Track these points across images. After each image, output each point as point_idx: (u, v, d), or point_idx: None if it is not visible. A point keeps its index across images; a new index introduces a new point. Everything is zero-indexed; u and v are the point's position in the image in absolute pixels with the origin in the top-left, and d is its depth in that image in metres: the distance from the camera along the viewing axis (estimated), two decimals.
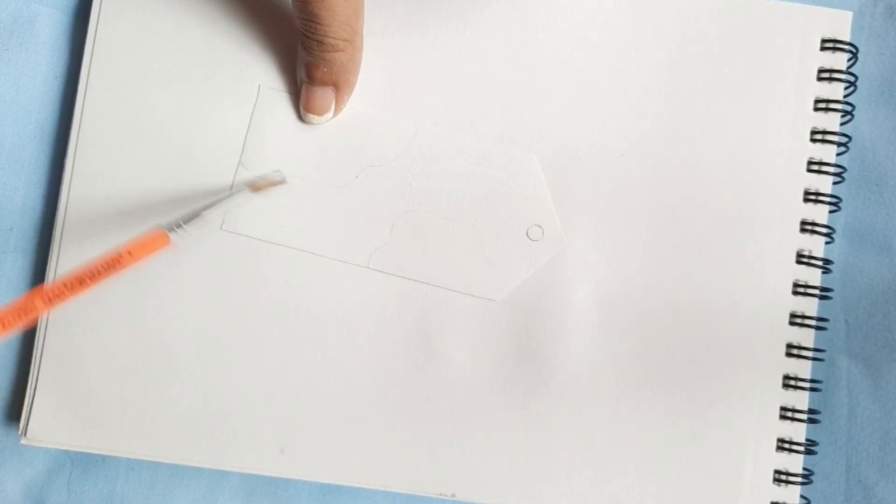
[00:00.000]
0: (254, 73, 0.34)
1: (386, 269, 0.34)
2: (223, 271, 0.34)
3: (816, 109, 0.34)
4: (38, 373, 0.33)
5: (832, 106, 0.34)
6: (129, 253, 0.29)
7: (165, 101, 0.34)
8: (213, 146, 0.34)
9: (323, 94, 0.33)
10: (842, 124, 0.35)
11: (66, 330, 0.33)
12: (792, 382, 0.34)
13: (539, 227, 0.34)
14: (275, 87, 0.34)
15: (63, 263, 0.34)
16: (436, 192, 0.34)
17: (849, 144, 0.35)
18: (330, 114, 0.33)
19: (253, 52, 0.34)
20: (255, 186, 0.33)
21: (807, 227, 0.34)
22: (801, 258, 0.34)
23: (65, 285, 0.28)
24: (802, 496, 0.34)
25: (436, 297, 0.34)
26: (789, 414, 0.34)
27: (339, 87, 0.33)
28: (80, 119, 0.34)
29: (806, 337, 0.34)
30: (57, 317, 0.33)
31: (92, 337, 0.33)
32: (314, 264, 0.34)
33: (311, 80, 0.32)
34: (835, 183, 0.35)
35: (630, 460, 0.34)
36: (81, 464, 0.35)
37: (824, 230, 0.34)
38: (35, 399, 0.33)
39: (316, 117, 0.33)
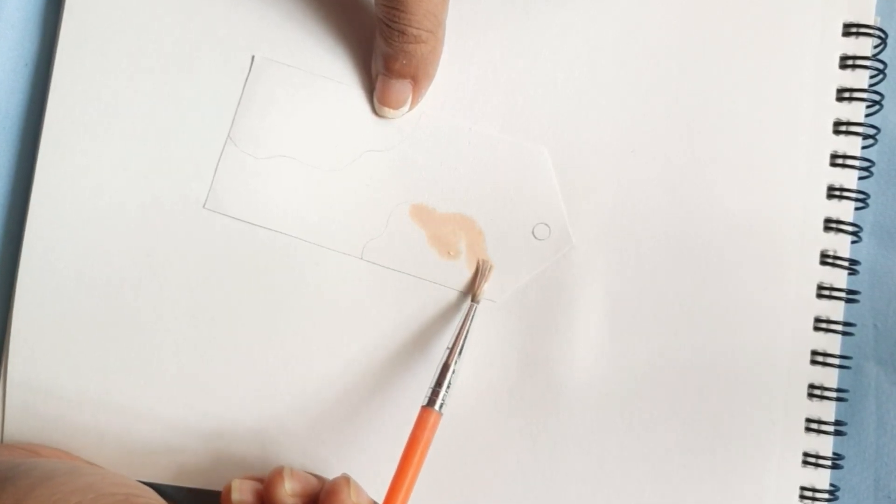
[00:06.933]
0: (247, 42, 0.33)
1: (380, 261, 0.33)
2: (204, 258, 0.32)
3: (839, 100, 0.33)
4: (5, 388, 0.32)
5: (856, 95, 0.33)
6: (420, 442, 0.29)
7: (146, 85, 0.33)
8: (199, 121, 0.33)
9: (400, 87, 0.32)
10: (869, 115, 0.34)
11: (33, 350, 0.32)
12: (817, 392, 0.33)
13: (546, 225, 0.33)
14: (270, 58, 0.33)
15: (33, 261, 0.32)
16: (437, 182, 0.33)
17: (877, 136, 0.34)
18: (406, 107, 0.32)
19: (246, 21, 0.33)
20: (475, 294, 0.32)
21: (831, 225, 0.33)
22: (826, 259, 0.33)
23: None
24: None
25: (434, 294, 0.33)
26: (815, 426, 0.33)
27: (418, 79, 0.32)
28: (53, 109, 0.33)
29: (832, 343, 0.33)
30: (22, 329, 0.32)
31: (62, 359, 0.32)
32: (303, 252, 0.33)
33: (389, 72, 0.31)
34: (861, 178, 0.34)
35: (645, 477, 0.33)
36: None
37: (850, 228, 0.33)
38: (5, 426, 0.32)
39: (391, 111, 0.32)
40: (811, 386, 0.33)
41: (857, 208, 0.33)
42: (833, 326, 0.33)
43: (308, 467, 0.32)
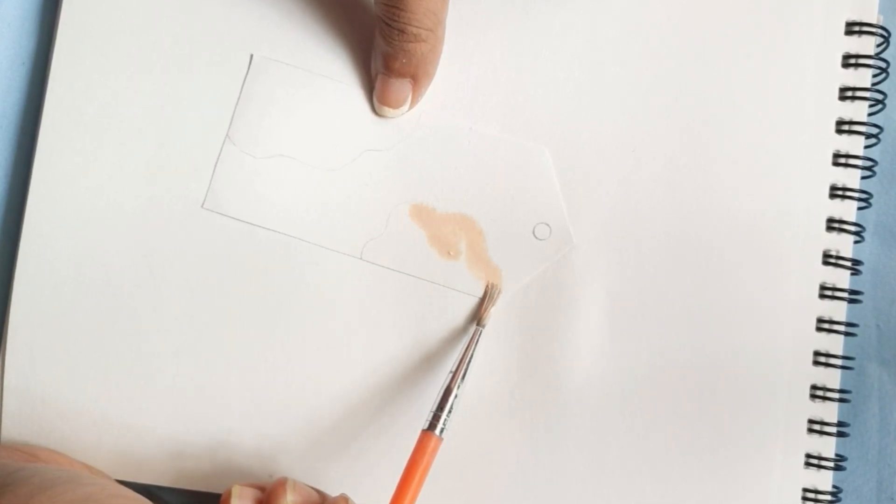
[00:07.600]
0: (246, 41, 0.33)
1: (380, 261, 0.32)
2: (203, 259, 0.32)
3: (842, 98, 0.33)
4: (2, 391, 0.32)
5: (859, 94, 0.33)
6: (419, 467, 0.29)
7: (144, 84, 0.32)
8: (197, 120, 0.32)
9: (400, 86, 0.32)
10: (871, 114, 0.33)
11: (30, 352, 0.32)
12: (820, 393, 0.33)
13: (546, 225, 0.33)
14: (269, 57, 0.33)
15: (30, 262, 0.32)
16: (437, 182, 0.33)
17: (880, 135, 0.34)
18: (406, 106, 0.32)
19: (246, 20, 0.33)
20: (481, 318, 0.32)
21: (834, 225, 0.33)
22: (828, 259, 0.33)
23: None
24: None
25: (434, 295, 0.32)
26: (817, 427, 0.33)
27: (418, 78, 0.32)
28: (50, 108, 0.32)
29: (834, 344, 0.33)
30: (19, 331, 0.32)
31: (60, 360, 0.32)
32: (302, 252, 0.32)
33: (389, 71, 0.31)
34: (864, 177, 0.33)
35: (646, 478, 0.32)
36: None
37: (853, 228, 0.33)
38: (2, 429, 0.32)
39: (391, 110, 0.32)
40: (813, 387, 0.33)
41: (859, 208, 0.33)
42: (835, 327, 0.33)
43: (304, 469, 0.32)
